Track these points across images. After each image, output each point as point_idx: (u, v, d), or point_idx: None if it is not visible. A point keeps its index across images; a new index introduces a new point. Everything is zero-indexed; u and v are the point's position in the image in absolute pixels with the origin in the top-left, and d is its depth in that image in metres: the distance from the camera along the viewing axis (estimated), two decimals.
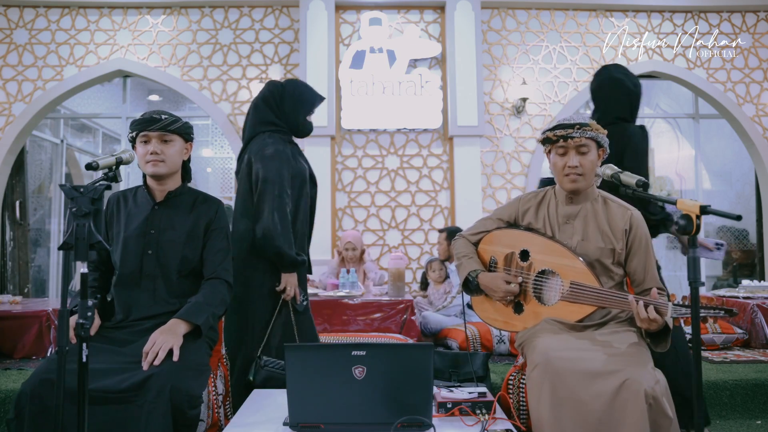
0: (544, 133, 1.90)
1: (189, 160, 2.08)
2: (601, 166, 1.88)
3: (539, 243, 1.91)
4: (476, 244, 2.08)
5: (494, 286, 1.93)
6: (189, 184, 2.09)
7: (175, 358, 1.65)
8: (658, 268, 2.03)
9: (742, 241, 7.09)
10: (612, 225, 1.87)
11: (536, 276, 1.91)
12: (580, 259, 1.83)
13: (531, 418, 1.65)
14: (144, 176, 2.01)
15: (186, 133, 1.99)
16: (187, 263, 1.94)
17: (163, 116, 1.94)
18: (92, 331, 1.76)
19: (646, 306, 1.66)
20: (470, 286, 2.02)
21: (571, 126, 1.85)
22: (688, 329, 3.73)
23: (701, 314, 1.57)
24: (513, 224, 2.04)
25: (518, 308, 1.95)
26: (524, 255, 1.94)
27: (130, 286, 1.90)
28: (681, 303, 1.65)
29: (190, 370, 1.70)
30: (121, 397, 1.59)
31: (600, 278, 1.83)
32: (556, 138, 1.86)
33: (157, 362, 1.63)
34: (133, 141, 1.97)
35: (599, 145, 1.88)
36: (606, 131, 1.90)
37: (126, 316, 1.89)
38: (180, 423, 1.60)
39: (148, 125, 1.91)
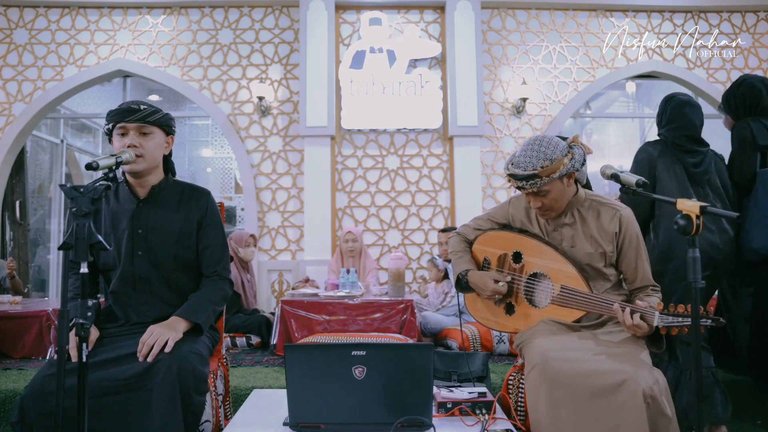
0: (505, 169, 1.83)
1: (171, 154, 1.96)
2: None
3: (532, 246, 1.92)
4: (472, 242, 2.09)
5: (482, 285, 1.95)
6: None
7: (168, 349, 1.62)
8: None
9: None
10: (601, 229, 1.84)
11: (528, 278, 1.92)
12: (571, 263, 1.83)
13: (529, 418, 1.65)
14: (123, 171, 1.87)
15: (167, 125, 1.86)
16: (181, 261, 1.88)
17: (142, 106, 1.80)
18: (91, 346, 1.71)
19: (632, 313, 1.64)
20: (461, 283, 2.04)
21: (520, 179, 1.77)
22: None
23: (685, 323, 1.56)
24: (506, 226, 2.05)
25: (509, 309, 1.96)
26: (517, 257, 1.96)
27: (125, 288, 1.84)
28: (668, 311, 1.60)
29: (196, 354, 1.69)
30: (129, 384, 1.59)
31: (594, 282, 1.83)
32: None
33: (151, 358, 1.60)
34: (109, 133, 1.82)
35: (562, 176, 1.76)
36: (566, 163, 1.75)
37: (126, 319, 1.86)
38: (186, 408, 1.58)
39: (125, 116, 1.77)
